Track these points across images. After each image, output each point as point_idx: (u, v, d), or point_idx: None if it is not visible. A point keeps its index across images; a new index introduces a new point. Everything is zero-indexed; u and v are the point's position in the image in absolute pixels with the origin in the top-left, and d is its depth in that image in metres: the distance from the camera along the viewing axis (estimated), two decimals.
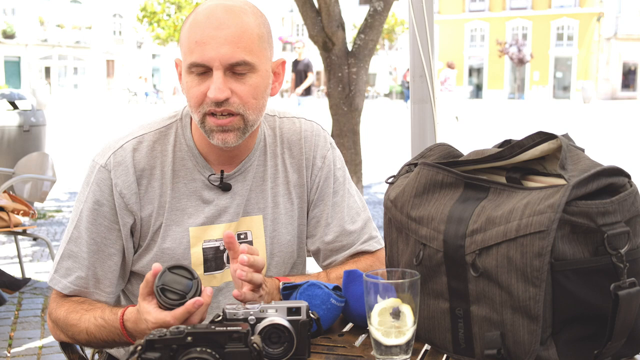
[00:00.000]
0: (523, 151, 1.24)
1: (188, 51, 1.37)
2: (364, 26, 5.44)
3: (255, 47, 1.37)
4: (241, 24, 1.36)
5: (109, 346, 1.43)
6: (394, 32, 37.56)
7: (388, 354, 1.15)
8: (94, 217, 1.45)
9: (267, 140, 1.57)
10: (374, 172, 8.80)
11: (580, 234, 1.10)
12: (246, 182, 1.52)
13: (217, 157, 1.49)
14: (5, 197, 4.42)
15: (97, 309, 1.41)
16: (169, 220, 1.47)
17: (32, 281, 4.49)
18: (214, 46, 1.34)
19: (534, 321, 1.10)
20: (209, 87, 1.35)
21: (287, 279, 1.46)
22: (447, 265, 1.21)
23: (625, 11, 44.46)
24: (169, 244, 1.47)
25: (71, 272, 1.46)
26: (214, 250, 1.50)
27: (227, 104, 1.36)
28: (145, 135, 1.49)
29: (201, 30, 1.35)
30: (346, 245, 1.60)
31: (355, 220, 1.61)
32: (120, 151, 1.46)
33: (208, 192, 1.49)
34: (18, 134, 6.36)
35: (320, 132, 1.64)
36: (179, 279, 1.21)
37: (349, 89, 5.45)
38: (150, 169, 1.47)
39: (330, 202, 1.60)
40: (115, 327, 1.35)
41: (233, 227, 1.51)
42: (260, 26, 1.40)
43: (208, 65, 1.35)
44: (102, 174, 1.45)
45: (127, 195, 1.45)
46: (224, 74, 1.35)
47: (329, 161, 1.62)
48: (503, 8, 47.03)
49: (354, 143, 5.60)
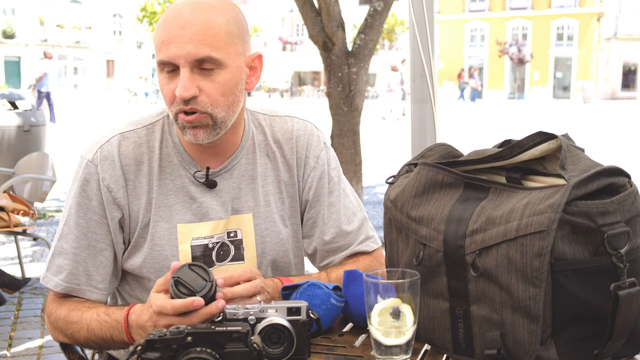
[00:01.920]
0: (523, 151, 1.24)
1: (157, 50, 1.39)
2: (364, 26, 5.44)
3: (222, 43, 1.38)
4: (207, 20, 1.37)
5: (106, 345, 1.42)
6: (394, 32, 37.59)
7: (388, 354, 1.15)
8: (83, 211, 1.46)
9: (257, 139, 1.58)
10: (374, 172, 8.79)
11: (580, 234, 1.10)
12: (232, 180, 1.53)
13: (201, 153, 1.50)
14: (5, 197, 4.42)
15: (101, 306, 1.42)
16: (156, 217, 1.48)
17: (32, 281, 4.49)
18: (178, 45, 1.35)
19: (534, 321, 1.10)
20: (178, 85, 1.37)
21: (289, 279, 1.45)
22: (447, 265, 1.21)
23: (625, 11, 44.45)
24: (157, 240, 1.48)
25: (62, 269, 1.46)
26: (202, 247, 1.50)
27: (194, 102, 1.37)
28: (132, 131, 1.51)
29: (168, 29, 1.37)
30: (343, 246, 1.59)
31: (351, 220, 1.61)
32: (107, 145, 1.48)
33: (194, 188, 1.50)
34: (18, 134, 6.36)
35: (313, 131, 1.63)
36: (194, 276, 1.21)
37: (349, 89, 5.45)
38: (137, 164, 1.48)
39: (326, 203, 1.60)
40: (118, 322, 1.35)
41: (222, 224, 1.51)
42: (229, 22, 1.40)
43: (174, 62, 1.36)
44: (90, 169, 1.47)
45: (115, 189, 1.46)
46: (190, 71, 1.36)
47: (323, 161, 1.61)
48: (503, 8, 47.02)
49: (354, 143, 5.59)
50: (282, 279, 1.45)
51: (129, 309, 1.34)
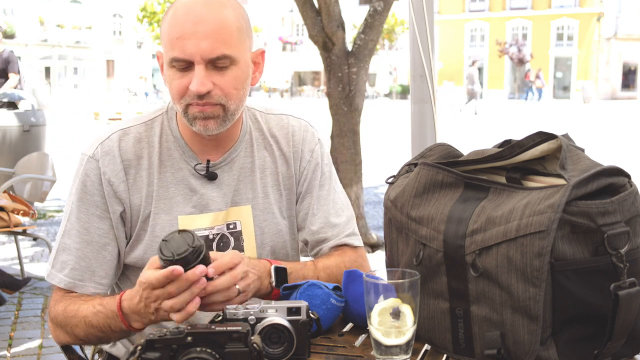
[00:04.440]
0: (523, 151, 1.24)
1: (169, 46, 1.39)
2: (364, 26, 5.44)
3: (235, 39, 1.40)
4: (220, 17, 1.39)
5: (106, 337, 1.41)
6: (394, 32, 37.57)
7: (388, 354, 1.15)
8: (85, 207, 1.47)
9: (254, 134, 1.60)
10: (374, 172, 8.79)
11: (580, 234, 1.10)
12: (232, 172, 1.55)
13: (202, 146, 1.52)
14: (5, 197, 4.42)
15: (96, 298, 1.43)
16: (157, 209, 1.49)
17: (32, 281, 4.49)
18: (194, 42, 1.36)
19: (534, 321, 1.10)
20: (191, 80, 1.38)
21: (279, 262, 1.45)
22: (447, 265, 1.21)
23: (625, 11, 44.44)
24: (158, 232, 1.49)
25: (66, 265, 1.47)
26: (203, 239, 1.50)
27: (208, 96, 1.40)
28: (132, 127, 1.53)
29: (181, 25, 1.38)
30: (330, 237, 1.61)
31: (340, 214, 1.63)
32: (107, 141, 1.50)
33: (195, 181, 1.52)
34: (18, 134, 6.36)
35: (308, 127, 1.67)
36: (180, 241, 1.20)
37: (349, 89, 5.45)
38: (137, 159, 1.50)
39: (316, 195, 1.62)
40: (112, 311, 1.34)
41: (222, 216, 1.53)
42: (239, 18, 1.43)
43: (189, 60, 1.38)
44: (91, 164, 1.49)
45: (116, 183, 1.48)
46: (205, 67, 1.38)
47: (317, 155, 1.64)
48: (503, 8, 47.00)
49: (354, 143, 5.59)
50: (270, 261, 1.45)
51: (121, 296, 1.34)
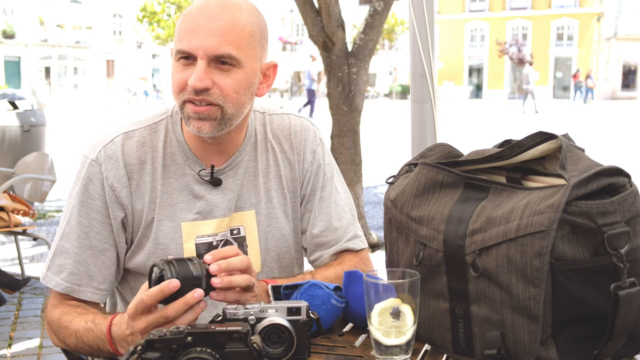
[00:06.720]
0: (523, 151, 1.24)
1: (178, 38, 1.39)
2: (364, 26, 5.44)
3: (244, 43, 1.39)
4: (232, 18, 1.38)
5: (95, 354, 1.39)
6: (394, 32, 37.52)
7: (388, 354, 1.15)
8: (86, 211, 1.45)
9: (258, 137, 1.58)
10: (374, 172, 8.79)
11: (580, 234, 1.10)
12: (237, 177, 1.53)
13: (205, 151, 1.50)
14: (5, 197, 4.42)
15: (90, 314, 1.39)
16: (160, 215, 1.47)
17: (32, 281, 4.49)
18: (201, 36, 1.35)
19: (534, 321, 1.10)
20: (192, 74, 1.36)
21: (275, 281, 1.44)
22: (447, 265, 1.21)
23: (625, 11, 44.43)
24: (161, 239, 1.47)
25: (64, 268, 1.44)
26: (207, 245, 1.50)
27: (206, 94, 1.37)
28: (136, 130, 1.51)
29: (193, 20, 1.37)
30: (331, 241, 1.59)
31: (341, 217, 1.61)
32: (111, 145, 1.48)
33: (199, 187, 1.50)
34: (18, 134, 6.36)
35: (309, 127, 1.65)
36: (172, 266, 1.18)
37: (349, 89, 5.45)
38: (141, 164, 1.48)
39: (318, 197, 1.61)
40: (102, 332, 1.31)
41: (225, 222, 1.51)
42: (253, 24, 1.41)
43: (192, 53, 1.36)
44: (93, 168, 1.46)
45: (119, 188, 1.45)
46: (207, 64, 1.37)
47: (319, 156, 1.63)
48: (503, 8, 47.00)
49: (354, 143, 5.60)
50: (268, 281, 1.43)
51: (111, 320, 1.31)
